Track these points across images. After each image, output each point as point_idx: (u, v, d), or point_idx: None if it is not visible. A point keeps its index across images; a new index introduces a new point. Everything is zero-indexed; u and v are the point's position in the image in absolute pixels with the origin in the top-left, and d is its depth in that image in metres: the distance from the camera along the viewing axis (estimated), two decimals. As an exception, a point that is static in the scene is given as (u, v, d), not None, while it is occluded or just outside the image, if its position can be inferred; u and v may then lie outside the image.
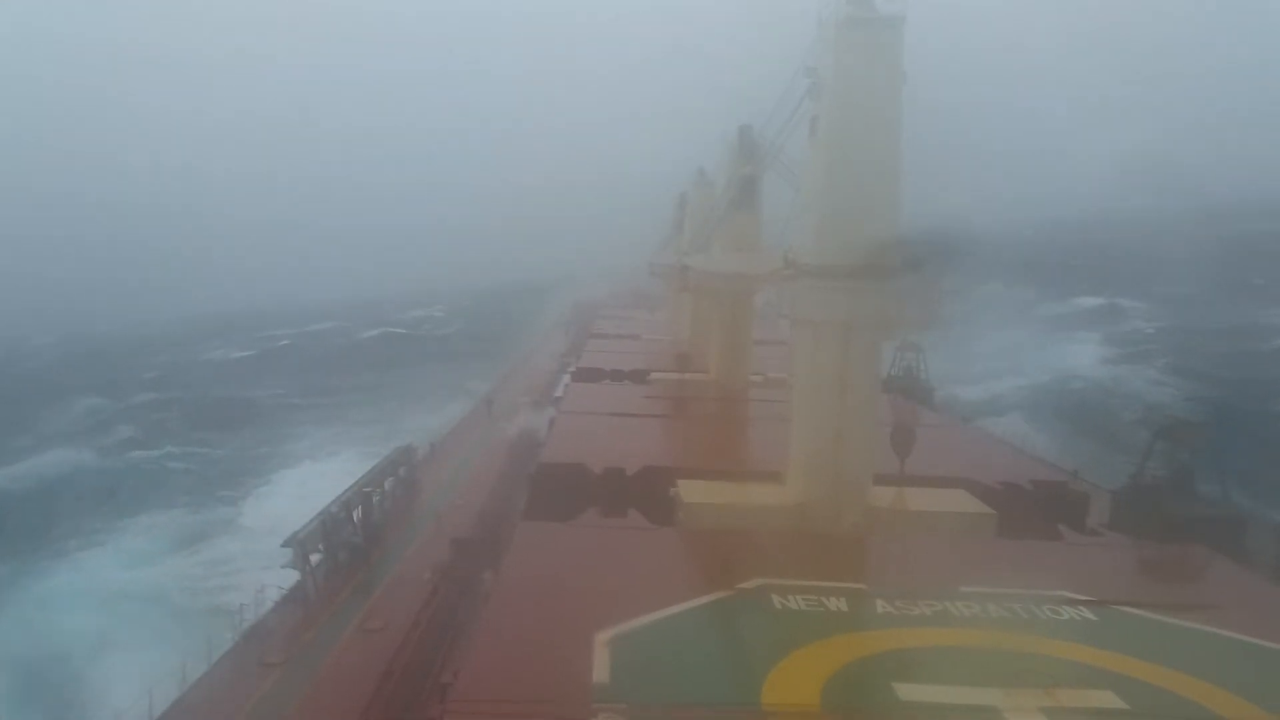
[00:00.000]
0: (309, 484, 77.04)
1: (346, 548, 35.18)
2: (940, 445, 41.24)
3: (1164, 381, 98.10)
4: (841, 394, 30.57)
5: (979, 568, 27.10)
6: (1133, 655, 21.39)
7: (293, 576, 32.52)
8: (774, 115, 35.54)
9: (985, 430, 53.26)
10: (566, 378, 67.11)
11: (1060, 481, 37.65)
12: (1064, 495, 35.50)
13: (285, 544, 32.57)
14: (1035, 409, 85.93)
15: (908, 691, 19.39)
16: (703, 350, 65.05)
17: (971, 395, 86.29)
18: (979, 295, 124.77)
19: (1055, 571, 27.20)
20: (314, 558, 33.31)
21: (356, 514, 37.28)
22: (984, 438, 50.03)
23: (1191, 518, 31.82)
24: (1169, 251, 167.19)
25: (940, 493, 33.60)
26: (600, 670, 19.71)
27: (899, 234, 29.55)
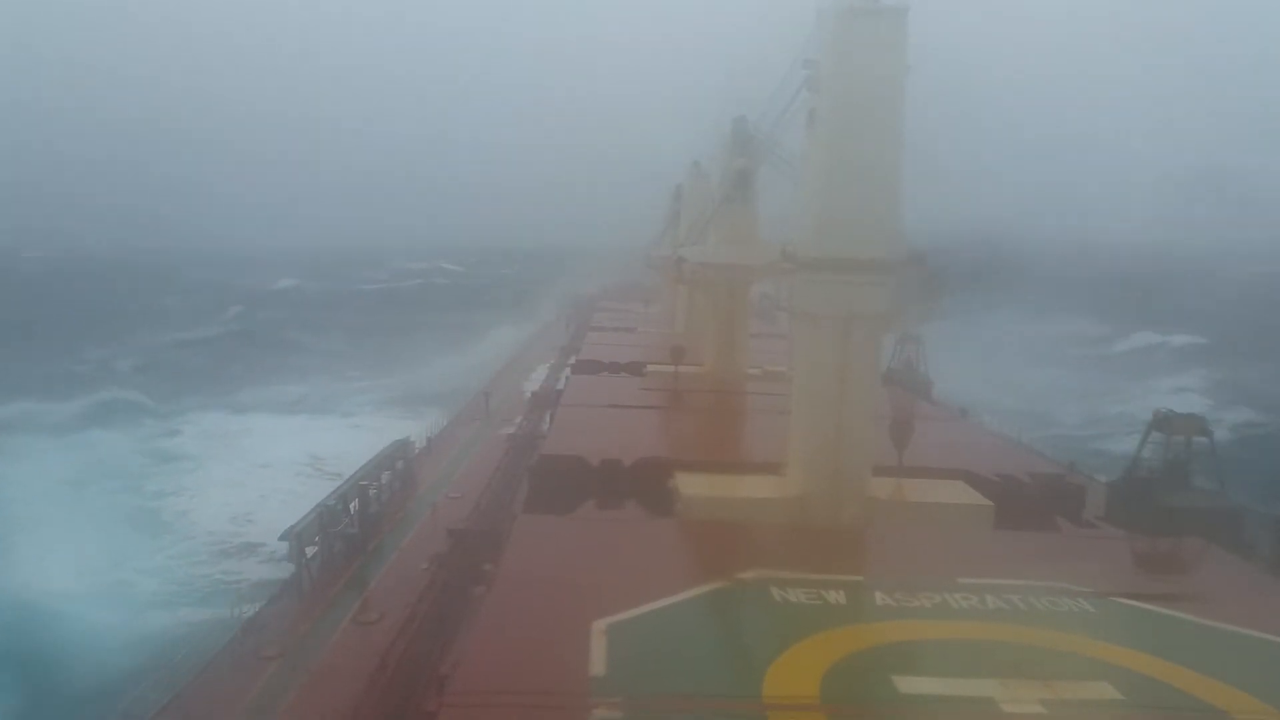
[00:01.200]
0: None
1: (343, 540, 35.13)
2: (938, 438, 41.27)
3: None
4: (841, 387, 30.55)
5: (977, 560, 27.17)
6: (1129, 647, 21.43)
7: (289, 569, 32.51)
8: (770, 107, 35.49)
9: (982, 424, 53.29)
10: (566, 371, 67.09)
11: (1057, 474, 37.71)
12: (1061, 487, 35.56)
13: (282, 538, 32.53)
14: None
15: (907, 684, 19.42)
16: (699, 343, 64.98)
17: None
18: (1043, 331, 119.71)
19: (1052, 563, 27.25)
20: (309, 550, 33.28)
21: (353, 507, 37.22)
22: (981, 431, 50.06)
23: (1186, 510, 31.91)
24: (1228, 285, 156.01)
25: (938, 484, 33.65)
26: (598, 662, 19.71)
27: (908, 240, 29.52)
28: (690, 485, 32.54)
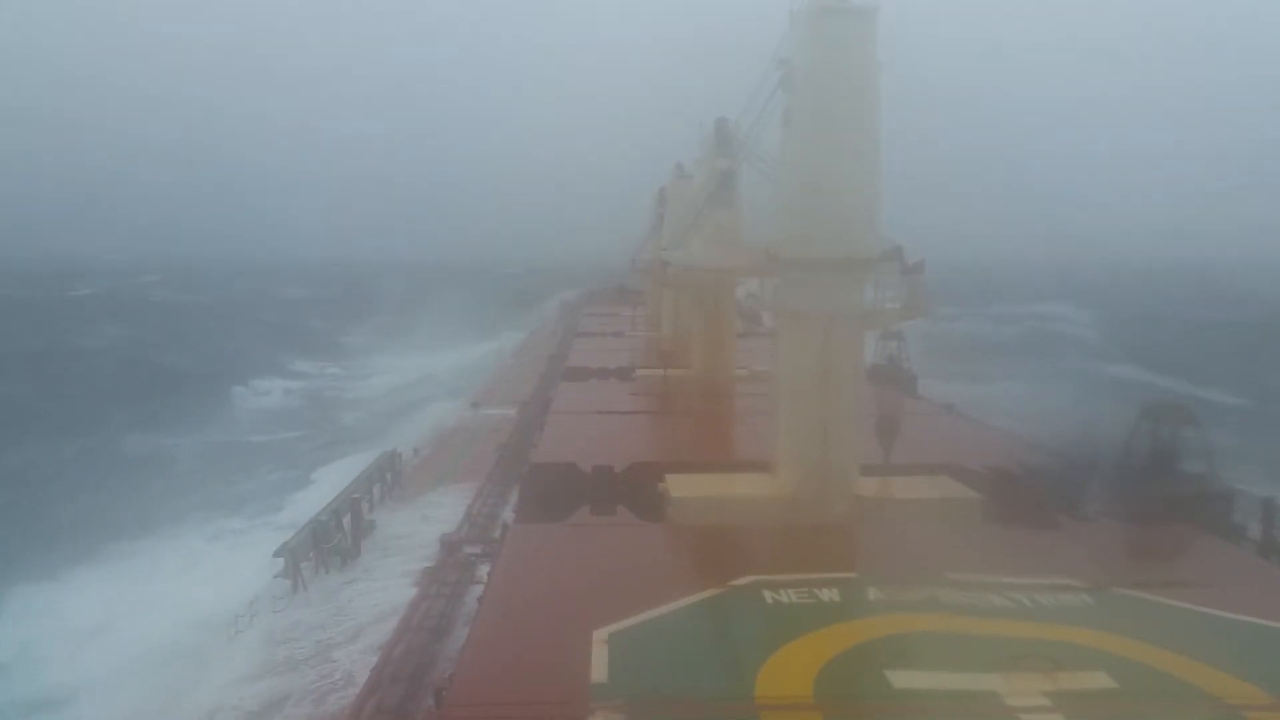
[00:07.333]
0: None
1: (337, 554, 35.22)
2: (924, 432, 41.43)
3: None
4: (825, 385, 30.63)
5: (967, 553, 27.28)
6: (1124, 636, 21.49)
7: (284, 585, 32.56)
8: (749, 107, 35.55)
9: (969, 417, 53.48)
10: (556, 378, 67.15)
11: (1044, 465, 37.80)
12: (1048, 479, 35.63)
13: (277, 554, 32.63)
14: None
15: (899, 679, 19.49)
16: (685, 346, 65.09)
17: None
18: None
19: (1042, 554, 27.40)
20: (304, 566, 33.36)
21: (346, 521, 37.27)
22: (967, 424, 50.25)
23: (1177, 496, 32.04)
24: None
25: (925, 480, 33.73)
26: (599, 669, 19.76)
27: (885, 236, 29.58)
28: (681, 487, 32.59)
